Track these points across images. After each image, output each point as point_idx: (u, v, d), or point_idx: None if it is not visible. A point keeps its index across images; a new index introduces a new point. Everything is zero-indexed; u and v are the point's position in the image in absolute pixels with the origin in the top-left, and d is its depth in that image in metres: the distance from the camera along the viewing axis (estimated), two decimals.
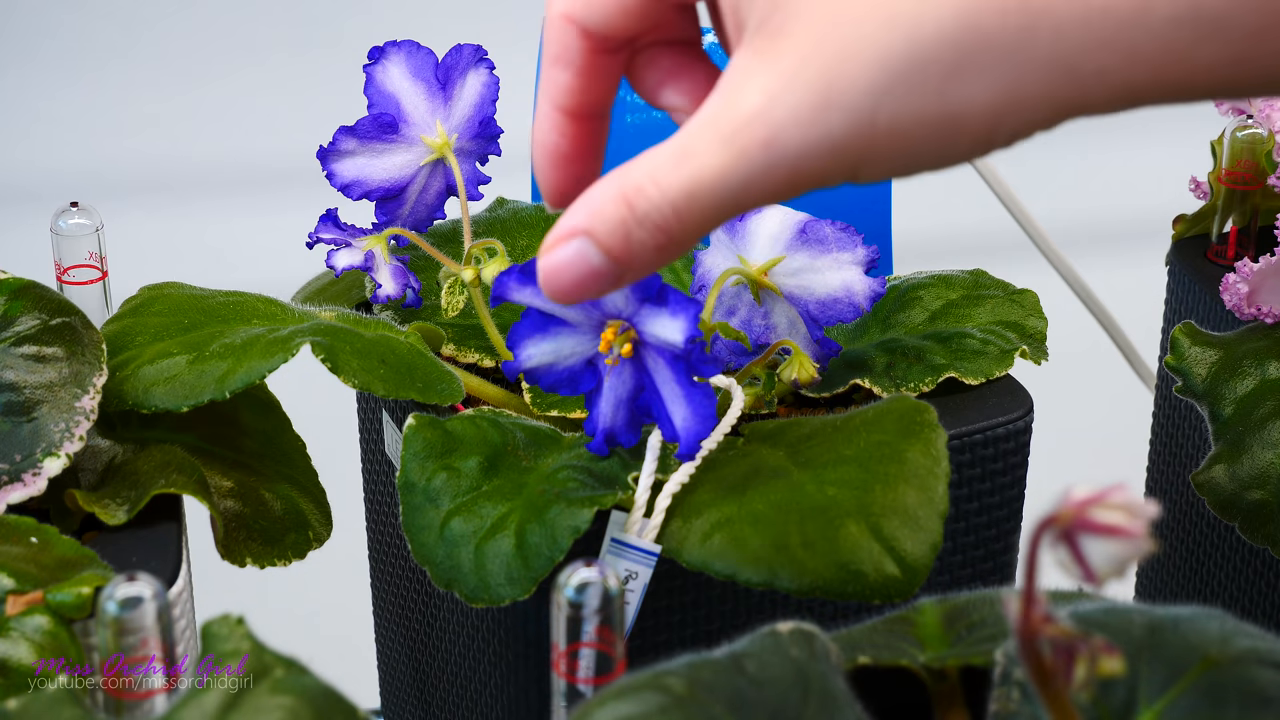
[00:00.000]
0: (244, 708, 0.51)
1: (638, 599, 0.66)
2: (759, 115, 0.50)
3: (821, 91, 0.49)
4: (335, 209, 0.76)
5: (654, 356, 0.65)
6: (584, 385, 0.67)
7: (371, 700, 0.91)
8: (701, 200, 0.51)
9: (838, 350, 0.73)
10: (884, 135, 0.49)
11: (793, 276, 0.72)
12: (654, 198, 0.52)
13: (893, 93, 0.48)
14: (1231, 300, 0.80)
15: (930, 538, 0.64)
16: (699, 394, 0.65)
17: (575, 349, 0.66)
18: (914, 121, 0.49)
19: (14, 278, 0.71)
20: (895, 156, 0.50)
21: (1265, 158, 0.84)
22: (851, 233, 0.72)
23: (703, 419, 0.65)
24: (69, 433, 0.67)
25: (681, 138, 0.52)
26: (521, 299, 0.65)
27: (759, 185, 0.51)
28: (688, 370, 0.64)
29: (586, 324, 0.66)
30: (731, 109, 0.51)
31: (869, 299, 0.72)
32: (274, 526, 0.74)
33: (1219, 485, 0.75)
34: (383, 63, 0.76)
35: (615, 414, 0.67)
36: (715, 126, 0.51)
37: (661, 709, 0.52)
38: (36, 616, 0.61)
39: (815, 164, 0.50)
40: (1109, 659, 0.47)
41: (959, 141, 0.49)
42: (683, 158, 0.51)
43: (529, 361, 0.66)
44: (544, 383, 0.67)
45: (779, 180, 0.51)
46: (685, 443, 0.65)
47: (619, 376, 0.66)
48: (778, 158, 0.50)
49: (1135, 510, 0.46)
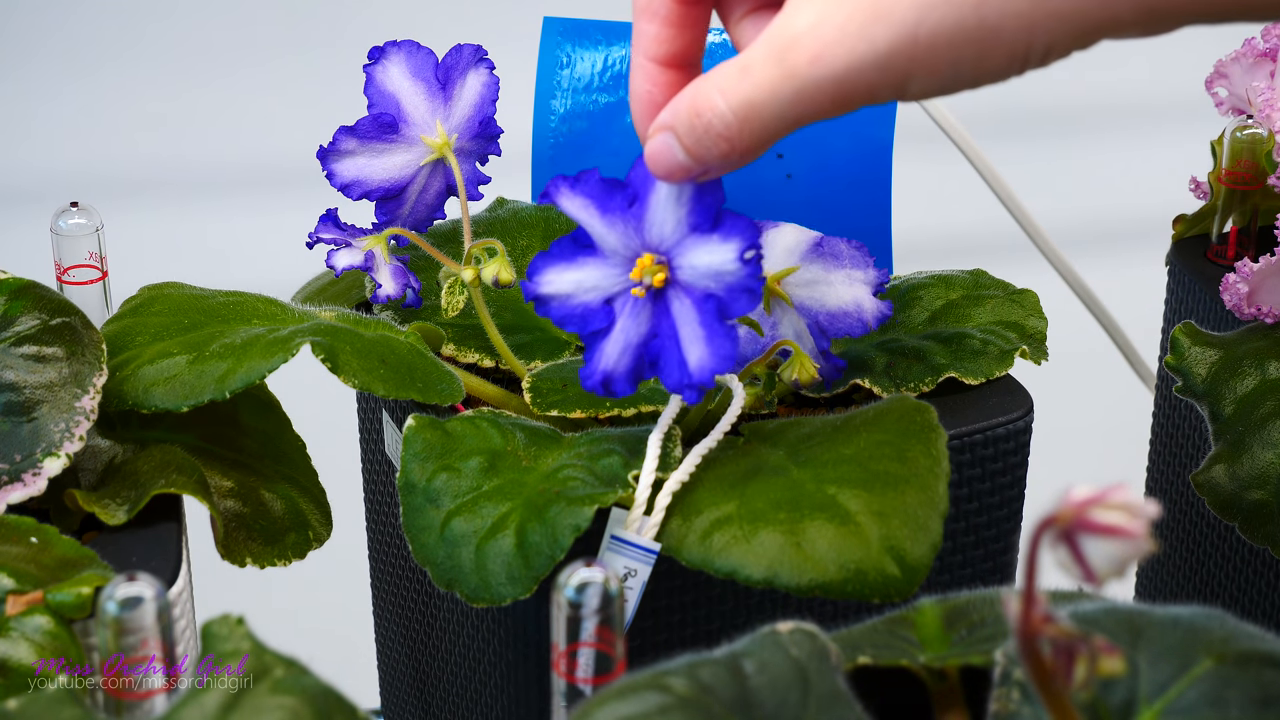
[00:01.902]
0: (244, 708, 0.51)
1: (636, 596, 0.66)
2: (809, 32, 0.55)
3: (869, 7, 0.53)
4: (335, 209, 0.76)
5: (681, 296, 0.64)
6: (593, 324, 0.65)
7: (371, 700, 0.91)
8: (759, 112, 0.57)
9: (843, 367, 0.73)
10: (925, 48, 0.53)
11: (805, 287, 0.72)
12: (719, 108, 0.57)
13: (935, 6, 0.52)
14: (1231, 300, 0.80)
15: (930, 538, 0.64)
16: (721, 333, 0.63)
17: (598, 283, 0.65)
18: (954, 33, 0.53)
19: (14, 278, 0.71)
20: (937, 69, 0.54)
21: (1265, 158, 0.84)
22: (865, 253, 0.72)
23: (721, 358, 0.63)
24: (69, 433, 0.67)
25: (744, 55, 0.57)
26: (568, 206, 0.64)
27: (811, 100, 0.56)
28: (717, 310, 0.63)
29: (621, 254, 0.64)
30: (785, 28, 0.55)
31: (876, 319, 0.72)
32: (274, 526, 0.74)
33: (1219, 485, 0.75)
34: (383, 63, 0.76)
35: (621, 358, 0.65)
36: (770, 44, 0.56)
37: (661, 709, 0.52)
38: (36, 616, 0.61)
39: (861, 78, 0.55)
40: (1109, 659, 0.47)
41: (995, 53, 0.53)
42: (743, 73, 0.57)
43: (547, 287, 0.65)
44: (555, 314, 0.65)
45: (828, 94, 0.55)
46: (697, 378, 0.63)
47: (635, 318, 0.65)
48: (825, 72, 0.55)
49: (1135, 510, 0.46)
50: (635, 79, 0.62)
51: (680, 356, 0.63)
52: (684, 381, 0.63)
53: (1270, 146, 0.84)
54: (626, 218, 0.64)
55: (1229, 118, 0.86)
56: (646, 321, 0.65)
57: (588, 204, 0.64)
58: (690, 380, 0.63)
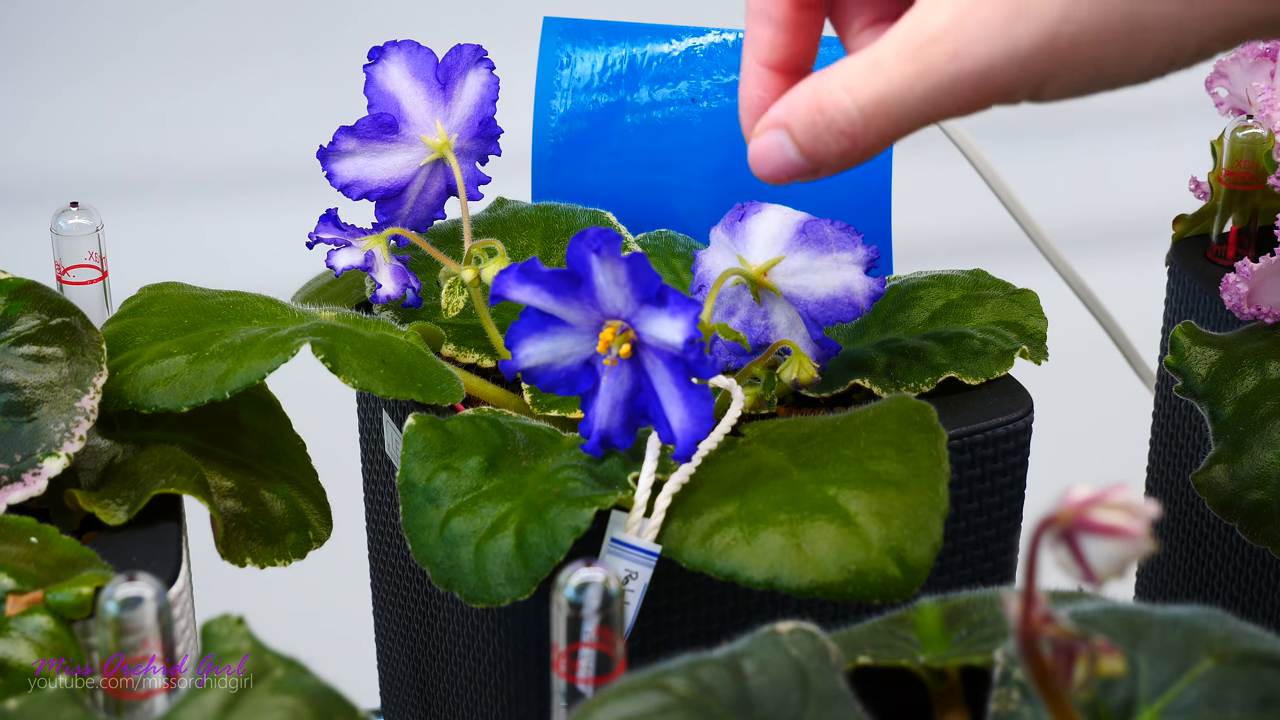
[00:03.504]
0: (244, 708, 0.51)
1: (638, 599, 0.66)
2: (948, 29, 0.52)
3: (1012, 4, 0.51)
4: (335, 209, 0.76)
5: (652, 358, 0.65)
6: (581, 385, 0.67)
7: (371, 700, 0.91)
8: (888, 109, 0.54)
9: (837, 350, 0.73)
10: (1068, 47, 0.51)
11: (792, 276, 0.72)
12: (844, 104, 0.55)
13: (1080, 3, 0.50)
14: (1231, 300, 0.80)
15: (930, 538, 0.64)
16: (696, 396, 0.65)
17: (573, 349, 0.66)
18: (1100, 31, 0.51)
19: (14, 278, 0.71)
20: (1079, 69, 0.52)
21: (1265, 158, 0.84)
22: (851, 232, 0.71)
23: (699, 420, 0.65)
24: (69, 433, 0.67)
25: (874, 50, 0.54)
26: (520, 297, 0.65)
27: (945, 97, 0.53)
28: (686, 372, 0.64)
29: (585, 324, 0.65)
30: (922, 23, 0.53)
31: (869, 299, 0.71)
32: (274, 526, 0.74)
33: (1219, 485, 0.75)
34: (383, 63, 0.76)
35: (612, 415, 0.67)
36: (905, 40, 0.54)
37: (661, 709, 0.52)
38: (36, 616, 0.61)
39: (1001, 76, 0.52)
40: (1109, 659, 0.47)
41: (1143, 54, 0.51)
42: (873, 69, 0.54)
43: (527, 361, 0.66)
44: (541, 382, 0.67)
45: (964, 92, 0.53)
46: (681, 444, 0.65)
47: (616, 378, 0.66)
48: (965, 69, 0.53)
49: (1135, 510, 0.46)
50: (746, 84, 0.60)
51: (664, 415, 0.65)
52: (671, 440, 0.65)
53: (1270, 146, 0.84)
54: (579, 296, 0.65)
55: (1229, 118, 0.86)
56: (628, 379, 0.66)
57: (538, 291, 0.65)
58: (675, 441, 0.65)
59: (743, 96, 0.60)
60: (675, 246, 0.83)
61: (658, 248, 0.83)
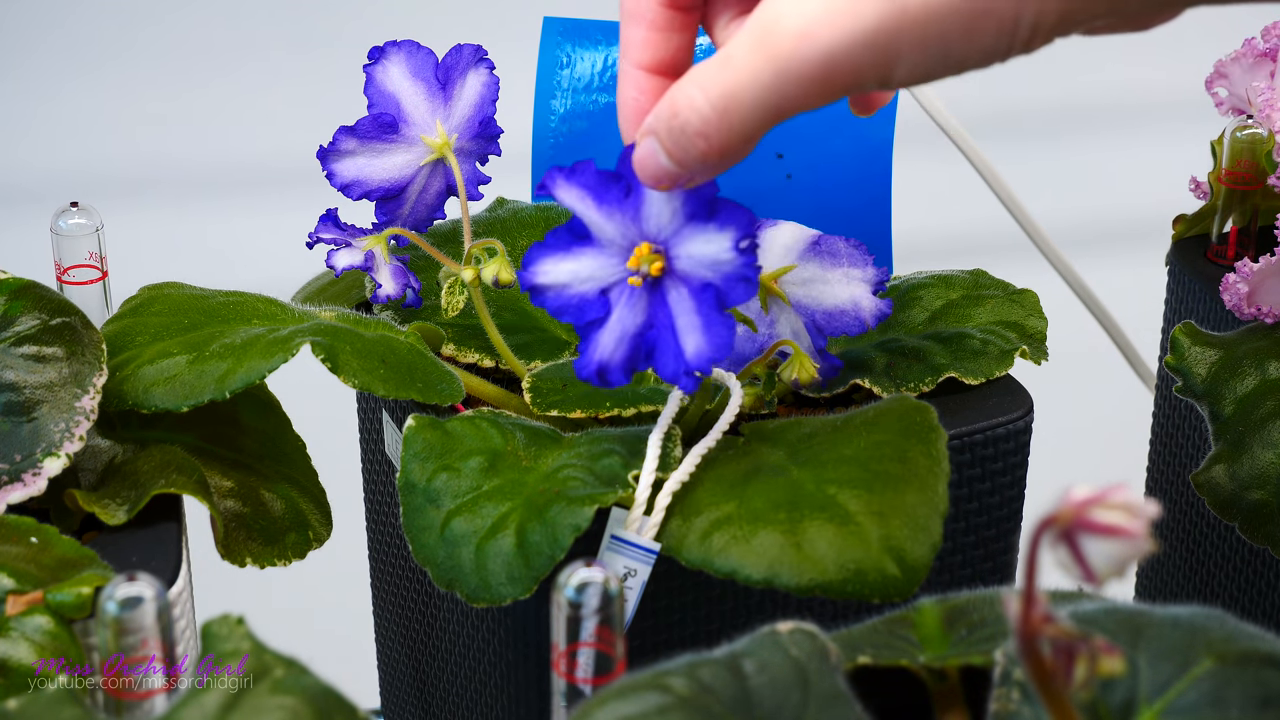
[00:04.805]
0: (244, 708, 0.51)
1: (636, 596, 0.66)
2: (792, 13, 0.52)
3: None
4: (335, 209, 0.76)
5: (678, 286, 0.63)
6: (590, 314, 0.65)
7: (371, 700, 0.91)
8: (739, 104, 0.54)
9: (840, 366, 0.73)
10: (913, 21, 0.51)
11: (802, 286, 0.72)
12: (697, 103, 0.55)
13: None
14: (1231, 300, 0.80)
15: (930, 538, 0.64)
16: (719, 322, 0.62)
17: (595, 273, 0.65)
18: (942, 4, 0.51)
19: (14, 278, 0.71)
20: (926, 45, 0.52)
21: (1265, 158, 0.84)
22: (864, 251, 0.72)
23: (717, 346, 0.62)
24: (69, 433, 0.67)
25: (728, 46, 0.54)
26: (565, 197, 0.64)
27: (793, 84, 0.53)
28: (715, 299, 0.62)
29: (618, 245, 0.64)
30: (769, 11, 0.53)
31: (875, 317, 0.71)
32: (274, 526, 0.74)
33: (1219, 485, 0.75)
34: (383, 63, 0.76)
35: (617, 347, 0.65)
36: (752, 32, 0.53)
37: (661, 709, 0.52)
38: (36, 616, 0.61)
39: (848, 57, 0.52)
40: (1109, 659, 0.47)
41: (984, 29, 0.51)
42: (724, 65, 0.54)
43: (543, 277, 0.65)
44: (550, 304, 0.65)
45: (812, 77, 0.53)
46: (697, 362, 0.63)
47: (631, 308, 0.64)
48: (810, 52, 0.52)
49: (1135, 510, 0.46)
50: (622, 86, 0.60)
51: (677, 346, 0.63)
52: (680, 369, 0.63)
53: (1270, 146, 0.84)
54: (624, 207, 0.63)
55: (1229, 118, 0.86)
56: (643, 311, 0.64)
57: (584, 194, 0.64)
58: (687, 367, 0.63)
59: (620, 100, 0.60)
60: None
61: None
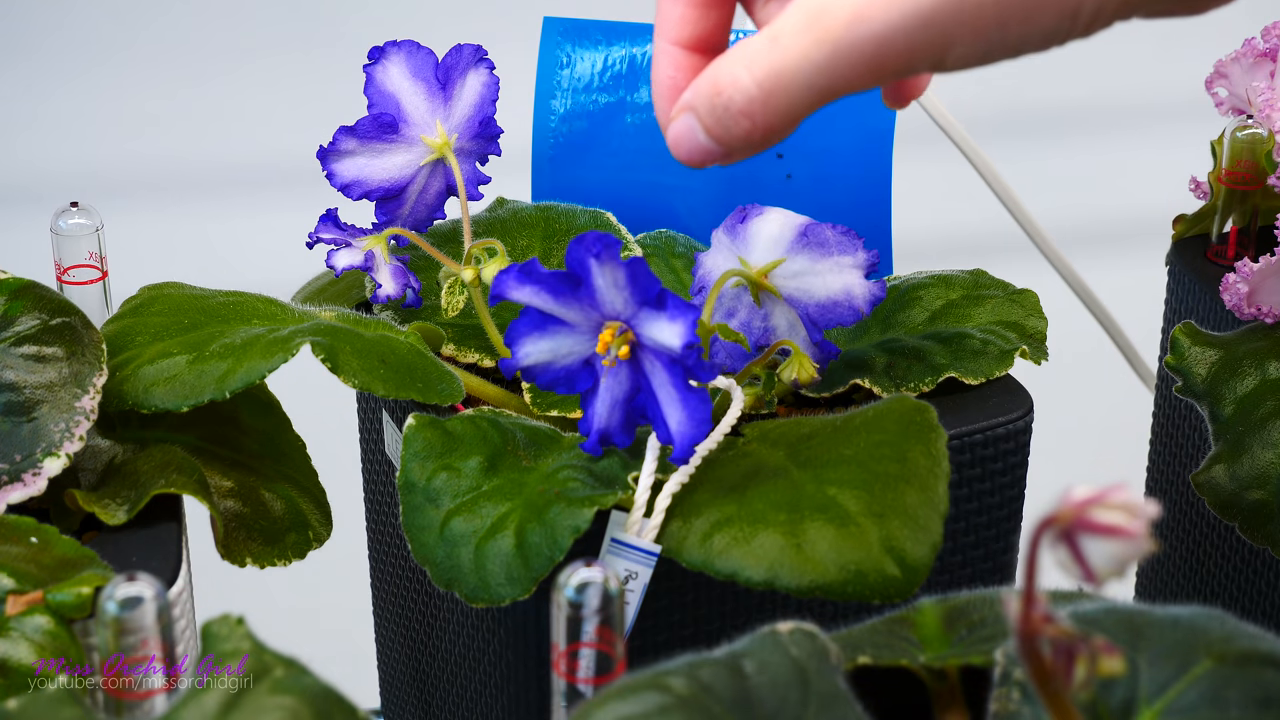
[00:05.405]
0: (244, 708, 0.51)
1: (638, 599, 0.66)
2: None
3: None
4: (335, 209, 0.76)
5: (651, 359, 0.65)
6: (580, 385, 0.67)
7: (371, 700, 0.91)
8: (786, 84, 0.52)
9: (837, 353, 0.73)
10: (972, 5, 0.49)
11: (793, 279, 0.72)
12: (743, 83, 0.53)
13: None
14: (1231, 300, 0.80)
15: (930, 538, 0.64)
16: (694, 399, 0.65)
17: (573, 348, 0.66)
18: None
19: (14, 278, 0.71)
20: (983, 31, 0.50)
21: (1265, 158, 0.84)
22: (852, 236, 0.71)
23: (697, 423, 0.65)
24: (69, 433, 0.67)
25: (775, 24, 0.53)
26: (520, 298, 0.65)
27: (844, 65, 0.51)
28: (684, 374, 0.64)
29: (585, 324, 0.65)
30: None
31: (869, 303, 0.71)
32: (274, 526, 0.74)
33: (1219, 485, 0.75)
34: (383, 63, 0.76)
35: (611, 415, 0.67)
36: (803, 11, 0.52)
37: (661, 709, 0.52)
38: (36, 616, 0.61)
39: (903, 40, 0.50)
40: (1109, 659, 0.47)
41: (1046, 12, 0.50)
42: (772, 43, 0.52)
43: (526, 359, 0.66)
44: (540, 381, 0.67)
45: (863, 59, 0.51)
46: (679, 447, 0.65)
47: (615, 378, 0.66)
48: (864, 34, 0.51)
49: (1135, 510, 0.46)
50: (658, 64, 0.58)
51: (662, 416, 0.65)
52: (670, 441, 0.65)
53: (1270, 146, 0.84)
54: (579, 297, 0.65)
55: (1229, 118, 0.86)
56: (627, 380, 0.66)
57: (538, 291, 0.65)
58: (673, 443, 0.65)
59: (655, 78, 0.59)
60: (675, 246, 0.83)
61: (658, 248, 0.83)
